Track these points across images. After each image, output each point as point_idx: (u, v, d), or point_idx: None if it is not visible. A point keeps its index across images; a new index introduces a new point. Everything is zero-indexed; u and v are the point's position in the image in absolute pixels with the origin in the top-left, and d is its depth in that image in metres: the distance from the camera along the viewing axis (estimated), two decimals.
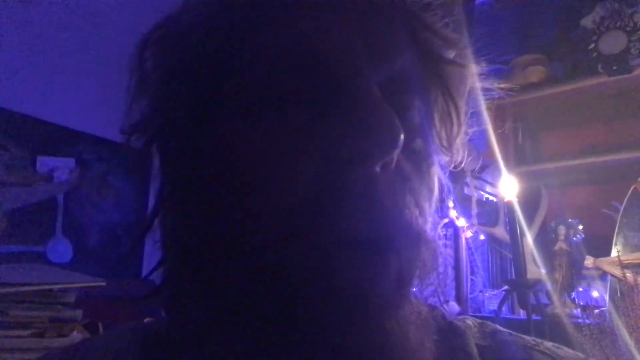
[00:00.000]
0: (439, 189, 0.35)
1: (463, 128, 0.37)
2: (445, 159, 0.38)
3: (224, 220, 0.29)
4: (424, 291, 0.31)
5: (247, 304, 0.28)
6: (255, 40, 0.30)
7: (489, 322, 0.40)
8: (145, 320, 0.40)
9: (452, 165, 0.39)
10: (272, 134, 0.28)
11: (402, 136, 0.27)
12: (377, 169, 0.27)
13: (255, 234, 0.28)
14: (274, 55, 0.29)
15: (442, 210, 0.34)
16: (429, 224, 0.32)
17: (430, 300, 0.34)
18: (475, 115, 0.39)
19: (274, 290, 0.27)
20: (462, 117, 0.37)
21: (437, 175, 0.35)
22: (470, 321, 0.39)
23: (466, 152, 0.39)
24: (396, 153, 0.27)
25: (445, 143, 0.37)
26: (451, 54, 0.35)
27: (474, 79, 0.37)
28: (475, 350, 0.36)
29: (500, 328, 0.39)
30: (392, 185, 0.28)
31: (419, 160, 0.32)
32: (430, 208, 0.33)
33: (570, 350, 0.38)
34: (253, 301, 0.28)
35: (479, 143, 1.51)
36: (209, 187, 0.30)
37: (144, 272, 1.70)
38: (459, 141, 0.38)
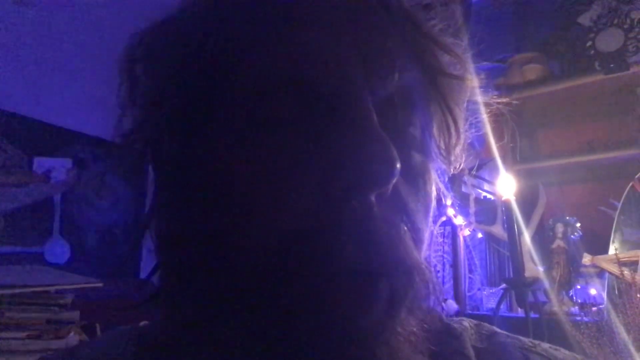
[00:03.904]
0: (436, 190, 0.35)
1: (462, 137, 0.37)
2: (444, 166, 0.37)
3: (216, 232, 0.29)
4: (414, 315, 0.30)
5: (241, 309, 0.28)
6: (248, 58, 0.29)
7: (486, 324, 0.39)
8: (142, 323, 0.40)
9: (452, 171, 0.38)
10: (265, 156, 0.28)
11: (398, 166, 0.26)
12: (372, 198, 0.26)
13: (246, 253, 0.27)
14: (267, 74, 0.28)
15: (439, 209, 0.34)
16: (425, 246, 0.32)
17: (428, 301, 0.34)
18: (474, 118, 0.39)
19: (264, 308, 0.27)
20: (461, 126, 0.36)
21: (435, 184, 0.34)
22: (467, 323, 0.39)
23: (465, 155, 0.39)
24: (392, 184, 0.27)
25: (444, 152, 0.36)
26: (450, 64, 0.34)
27: (473, 89, 0.37)
28: (472, 353, 0.36)
29: (498, 330, 0.39)
30: (387, 213, 0.27)
31: (416, 177, 0.31)
32: (427, 226, 0.32)
33: (568, 352, 0.38)
34: (245, 314, 0.28)
35: (476, 141, 1.50)
36: (201, 199, 0.30)
37: (142, 272, 1.69)
38: (458, 149, 0.37)
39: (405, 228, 0.29)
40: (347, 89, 0.28)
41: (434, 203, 0.34)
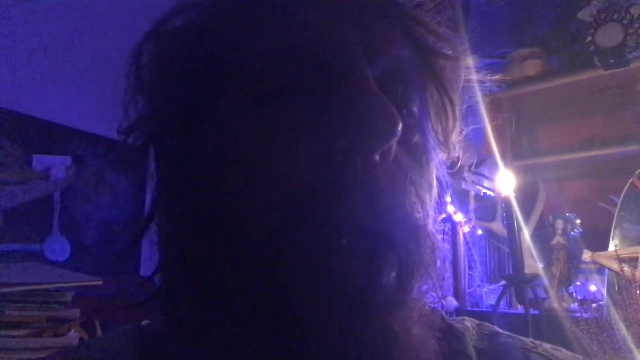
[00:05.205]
0: (437, 184, 0.35)
1: (458, 122, 0.37)
2: (442, 155, 0.38)
3: (221, 221, 0.29)
4: (422, 287, 0.30)
5: (244, 305, 0.28)
6: (251, 35, 0.30)
7: (487, 324, 0.40)
8: (143, 322, 0.40)
9: (450, 162, 0.39)
10: (269, 127, 0.29)
11: (400, 124, 0.27)
12: (377, 158, 0.27)
13: (252, 231, 0.27)
14: (270, 50, 0.29)
15: (439, 206, 0.34)
16: (430, 216, 0.32)
17: (428, 296, 0.34)
18: (472, 111, 0.39)
19: (272, 290, 0.27)
20: (457, 111, 0.37)
21: (436, 171, 0.35)
22: (468, 323, 0.39)
23: (463, 148, 0.39)
24: (395, 141, 0.27)
25: (441, 138, 0.37)
26: (442, 48, 0.35)
27: (468, 72, 0.37)
28: (473, 353, 0.36)
29: (499, 330, 0.39)
30: (392, 175, 0.28)
31: (418, 153, 0.32)
32: (430, 201, 0.33)
33: (569, 352, 0.38)
34: (250, 302, 0.27)
35: (475, 138, 1.51)
36: (205, 187, 0.30)
37: (142, 269, 1.69)
38: (455, 136, 0.38)
39: (411, 189, 0.29)
40: (347, 58, 0.29)
41: (435, 187, 0.34)
